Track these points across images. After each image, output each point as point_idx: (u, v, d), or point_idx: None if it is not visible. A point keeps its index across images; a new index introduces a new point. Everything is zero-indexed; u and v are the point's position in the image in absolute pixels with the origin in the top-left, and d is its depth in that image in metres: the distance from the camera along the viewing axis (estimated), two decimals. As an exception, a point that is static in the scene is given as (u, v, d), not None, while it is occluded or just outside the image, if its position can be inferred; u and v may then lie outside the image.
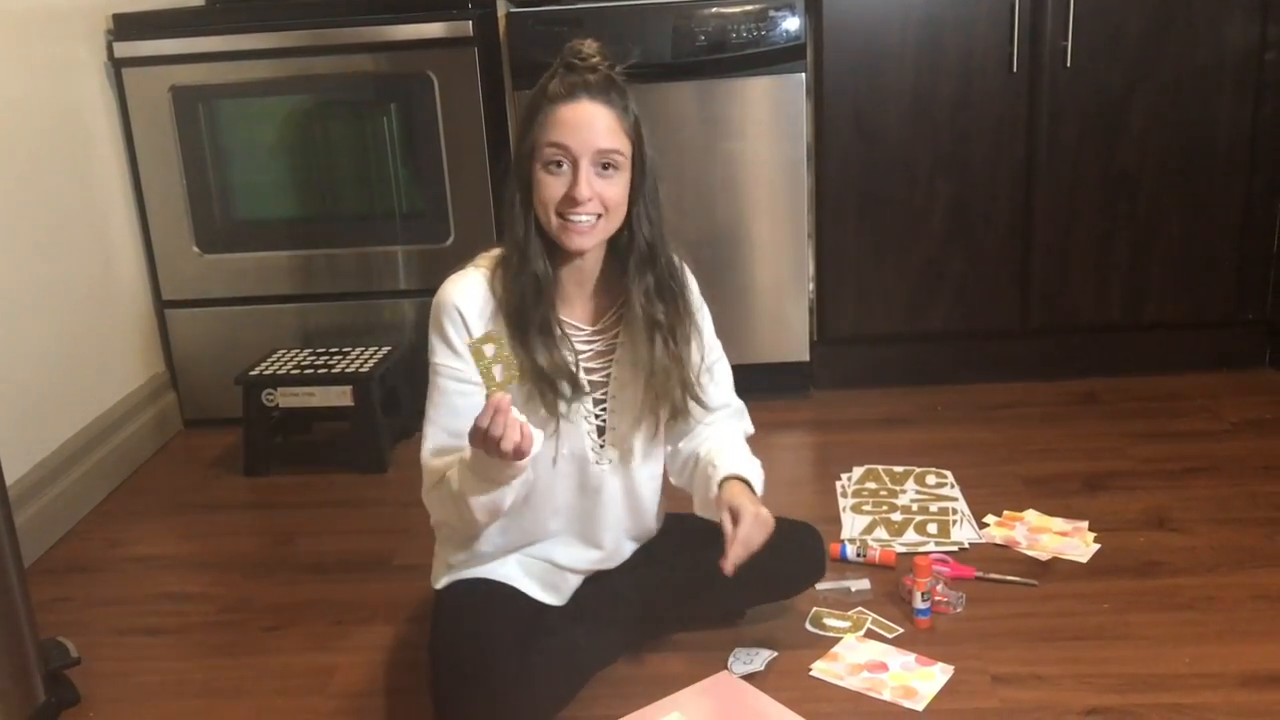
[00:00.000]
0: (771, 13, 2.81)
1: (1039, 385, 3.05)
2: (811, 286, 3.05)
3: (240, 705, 1.89)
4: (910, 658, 1.89)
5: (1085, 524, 2.30)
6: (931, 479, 2.54)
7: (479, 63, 2.89)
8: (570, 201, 1.62)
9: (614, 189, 1.65)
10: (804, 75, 2.86)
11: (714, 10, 2.81)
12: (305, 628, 2.12)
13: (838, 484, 2.54)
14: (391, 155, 2.98)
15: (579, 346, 1.74)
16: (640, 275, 1.72)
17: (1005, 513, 2.37)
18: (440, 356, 1.70)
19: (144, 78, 2.92)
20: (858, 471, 2.59)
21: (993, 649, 1.91)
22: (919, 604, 1.97)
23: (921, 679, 1.83)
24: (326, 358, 2.90)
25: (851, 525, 2.34)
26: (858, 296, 3.05)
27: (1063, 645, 1.91)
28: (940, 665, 1.86)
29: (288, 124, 2.99)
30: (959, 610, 2.03)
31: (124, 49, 2.91)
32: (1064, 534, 2.27)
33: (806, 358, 3.06)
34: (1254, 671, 1.81)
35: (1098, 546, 2.22)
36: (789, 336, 3.01)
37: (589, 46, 1.63)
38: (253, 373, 2.83)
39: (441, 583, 1.86)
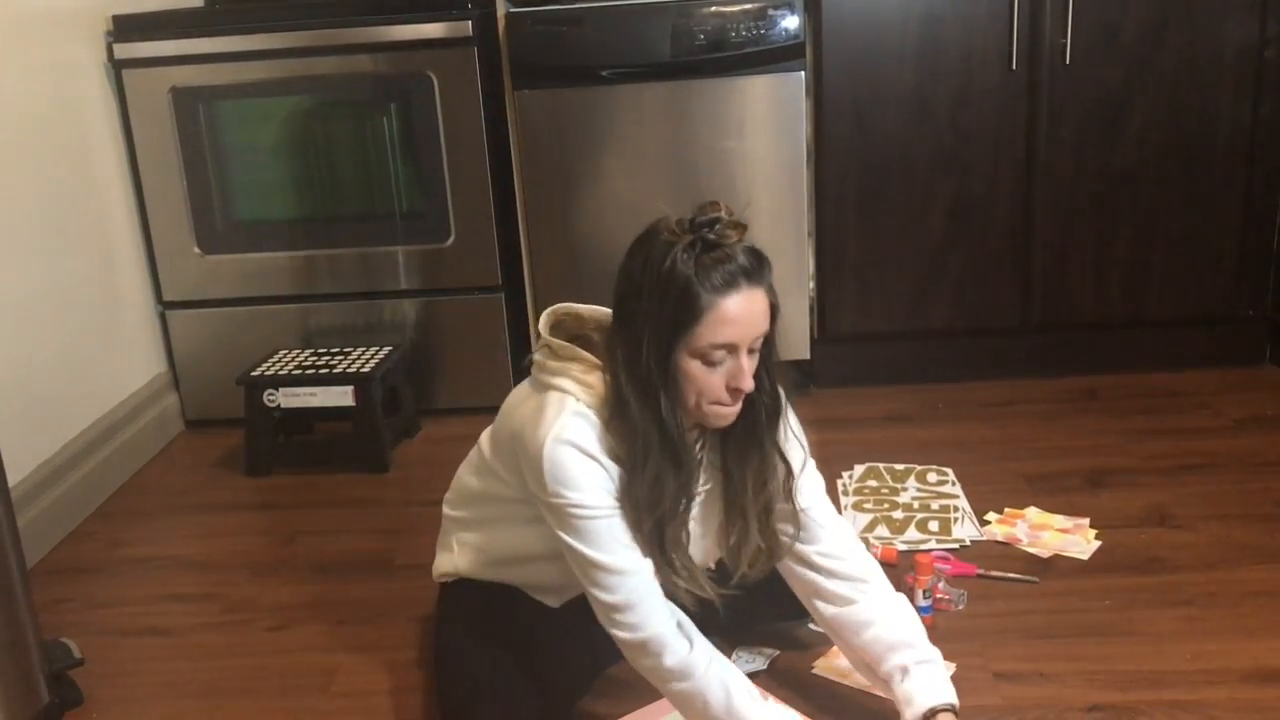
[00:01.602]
0: (771, 11, 2.81)
1: (1040, 382, 3.06)
2: (812, 285, 3.05)
3: (243, 705, 1.90)
4: (912, 655, 1.88)
5: (1086, 521, 2.30)
6: (933, 476, 2.54)
7: (479, 62, 2.89)
8: (735, 394, 1.53)
9: (757, 364, 1.55)
10: (803, 74, 2.86)
11: (713, 9, 2.81)
12: (308, 628, 2.12)
13: (839, 482, 2.54)
14: (391, 155, 2.98)
15: None
16: (747, 449, 1.62)
17: (1006, 510, 2.38)
18: (584, 497, 1.53)
19: (144, 79, 2.92)
20: (859, 469, 2.60)
21: (994, 646, 1.91)
22: (920, 601, 1.98)
23: (923, 676, 1.83)
24: (328, 358, 2.90)
25: (853, 523, 2.35)
26: (858, 295, 3.06)
27: (1064, 642, 1.92)
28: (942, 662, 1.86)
29: (288, 124, 2.99)
30: (960, 607, 2.03)
31: (124, 50, 2.91)
32: (1065, 531, 2.27)
33: (808, 355, 3.07)
34: (1257, 667, 1.81)
35: (1099, 543, 2.22)
36: (790, 334, 3.01)
37: (724, 215, 1.49)
38: (254, 373, 2.84)
39: (446, 578, 1.86)
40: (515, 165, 2.96)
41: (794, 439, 1.68)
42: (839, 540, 1.70)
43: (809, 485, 1.70)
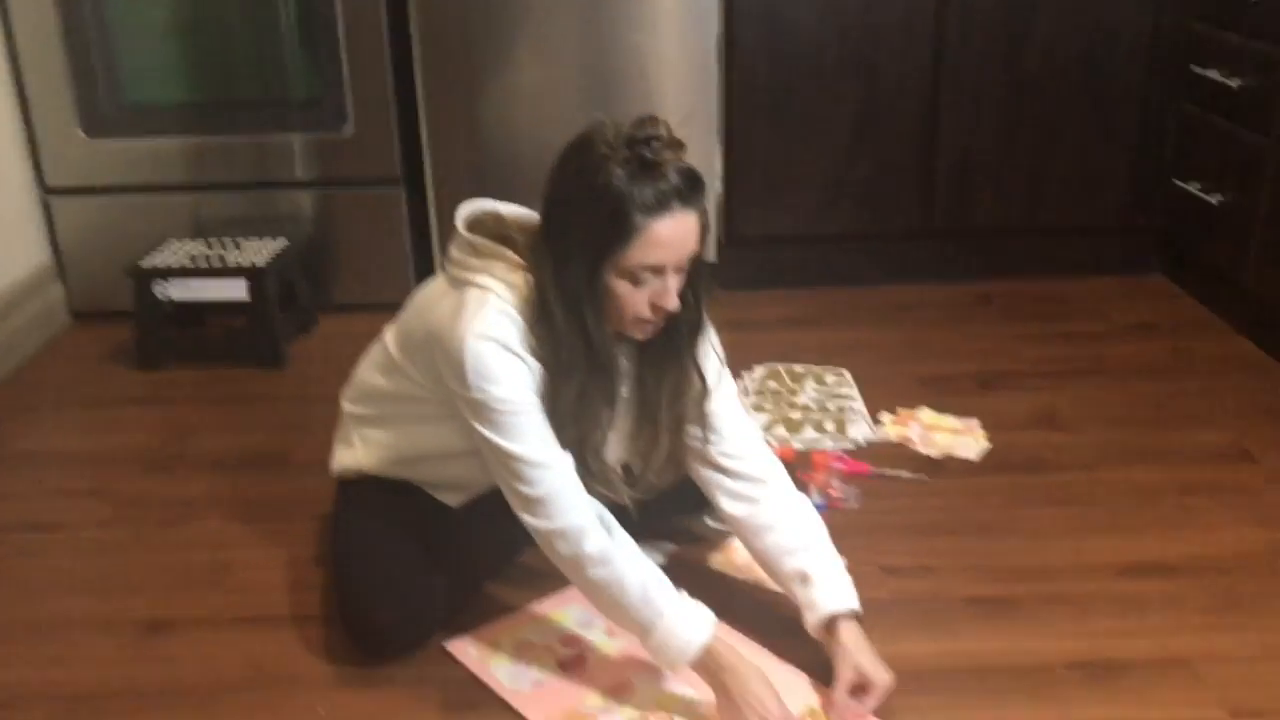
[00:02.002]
0: (683, -98, 2.74)
1: (938, 286, 3.11)
2: (719, 184, 3.04)
3: (136, 601, 1.87)
4: (805, 551, 1.93)
5: (977, 422, 2.37)
6: (830, 378, 2.58)
7: (380, -59, 2.78)
8: (658, 311, 1.52)
9: (682, 282, 1.55)
10: (714, -33, 2.81)
11: (624, -103, 2.73)
12: (202, 524, 2.10)
13: (740, 383, 2.57)
14: (288, 37, 2.86)
15: None
16: (665, 363, 1.63)
17: (900, 411, 2.43)
18: (504, 391, 1.51)
19: (20, -52, 2.75)
20: (759, 371, 2.62)
21: (884, 542, 1.97)
22: (814, 499, 2.02)
23: (815, 571, 1.88)
24: (220, 250, 2.82)
25: (752, 423, 2.38)
26: (765, 197, 3.06)
27: (951, 538, 1.98)
28: (834, 558, 1.91)
29: (178, 1, 2.85)
30: (853, 505, 2.08)
31: (-3, -84, 2.73)
32: (956, 432, 2.34)
33: (713, 258, 3.07)
34: (1131, 562, 1.90)
35: (988, 444, 2.29)
36: (695, 235, 3.01)
37: (663, 132, 1.45)
38: (143, 264, 2.75)
39: (347, 474, 1.84)
40: (416, 52, 2.87)
41: (712, 354, 1.69)
42: (743, 442, 1.71)
43: (719, 390, 1.70)
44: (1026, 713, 1.57)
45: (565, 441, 1.56)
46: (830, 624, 1.60)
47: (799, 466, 2.15)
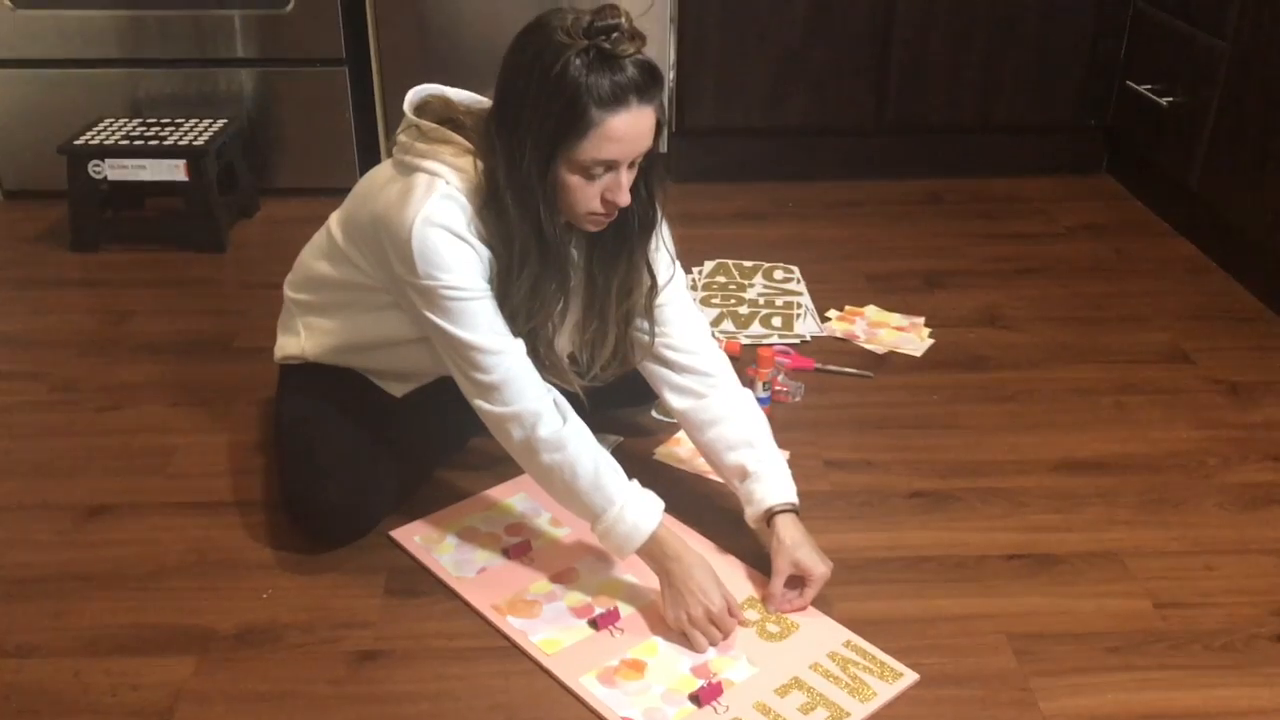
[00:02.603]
0: None
1: (888, 184, 3.10)
2: (672, 75, 2.99)
3: (74, 485, 1.85)
4: (749, 444, 1.95)
5: (921, 320, 2.39)
6: (779, 274, 2.58)
7: None
8: (610, 206, 1.48)
9: (635, 177, 1.52)
10: None
11: None
12: (142, 409, 2.07)
13: (689, 277, 2.56)
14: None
15: None
16: (615, 258, 1.60)
17: (847, 307, 2.44)
18: (455, 279, 1.48)
19: None
20: (709, 265, 2.62)
21: (827, 436, 1.99)
22: (760, 393, 2.03)
23: (759, 464, 1.91)
24: (158, 129, 2.74)
25: (700, 316, 2.38)
26: (717, 88, 3.01)
27: (893, 433, 2.01)
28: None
29: None
30: (797, 399, 2.10)
31: None
32: (901, 329, 2.36)
33: (664, 149, 3.02)
34: (1065, 458, 1.94)
35: (932, 341, 2.31)
36: (646, 125, 2.96)
37: (623, 22, 1.40)
38: (77, 142, 2.66)
39: (290, 361, 1.81)
40: (361, -73, 2.77)
41: (664, 250, 1.67)
42: (691, 337, 1.70)
43: (670, 286, 1.68)
44: (962, 601, 1.61)
45: (517, 331, 1.54)
46: (769, 518, 1.62)
47: (745, 361, 2.16)
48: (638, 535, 1.53)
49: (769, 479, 1.64)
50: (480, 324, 1.51)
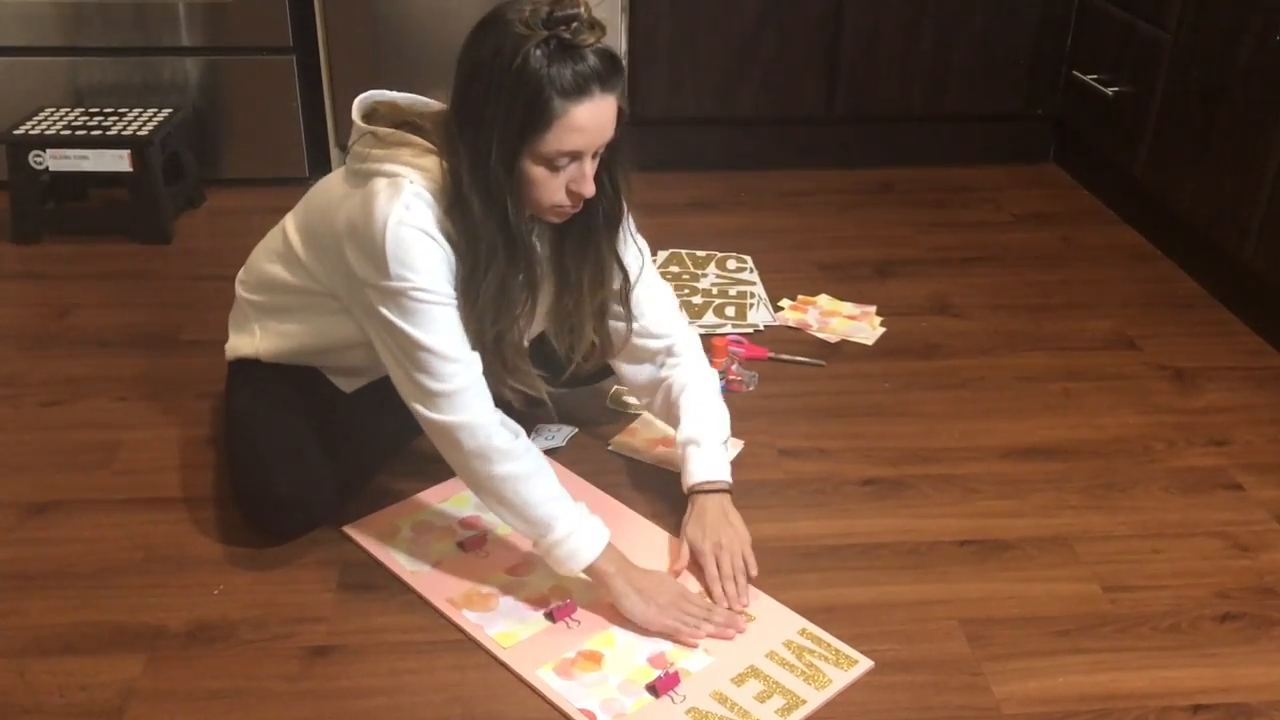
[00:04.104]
0: None
1: (839, 173, 3.12)
2: (624, 64, 2.97)
3: (19, 480, 1.82)
4: (704, 433, 1.96)
5: (873, 308, 2.40)
6: (732, 263, 2.59)
7: None
8: (575, 198, 1.48)
9: (598, 167, 1.51)
10: None
11: None
12: (87, 403, 2.03)
13: (641, 265, 2.56)
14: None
15: None
16: (584, 251, 1.60)
17: (799, 297, 2.45)
18: (423, 281, 1.45)
19: None
20: (662, 255, 2.62)
21: (781, 425, 2.00)
22: (714, 383, 2.04)
23: (713, 453, 1.91)
24: (101, 118, 2.69)
25: (653, 306, 2.38)
26: (669, 77, 3.01)
27: (845, 421, 2.02)
28: (731, 440, 1.94)
29: None
30: (751, 388, 2.11)
31: None
32: (853, 318, 2.37)
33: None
34: (1013, 445, 1.96)
35: (883, 330, 2.33)
36: (598, 115, 2.95)
37: (583, 12, 1.38)
38: (17, 132, 2.61)
39: (234, 358, 1.79)
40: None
41: (633, 244, 1.67)
42: (661, 319, 1.72)
43: (642, 278, 1.69)
44: (914, 588, 1.63)
45: (486, 335, 1.52)
46: (690, 496, 1.66)
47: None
48: (576, 563, 1.52)
49: (697, 459, 1.67)
50: (442, 329, 1.48)
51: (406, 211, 1.44)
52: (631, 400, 2.03)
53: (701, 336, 2.22)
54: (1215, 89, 2.42)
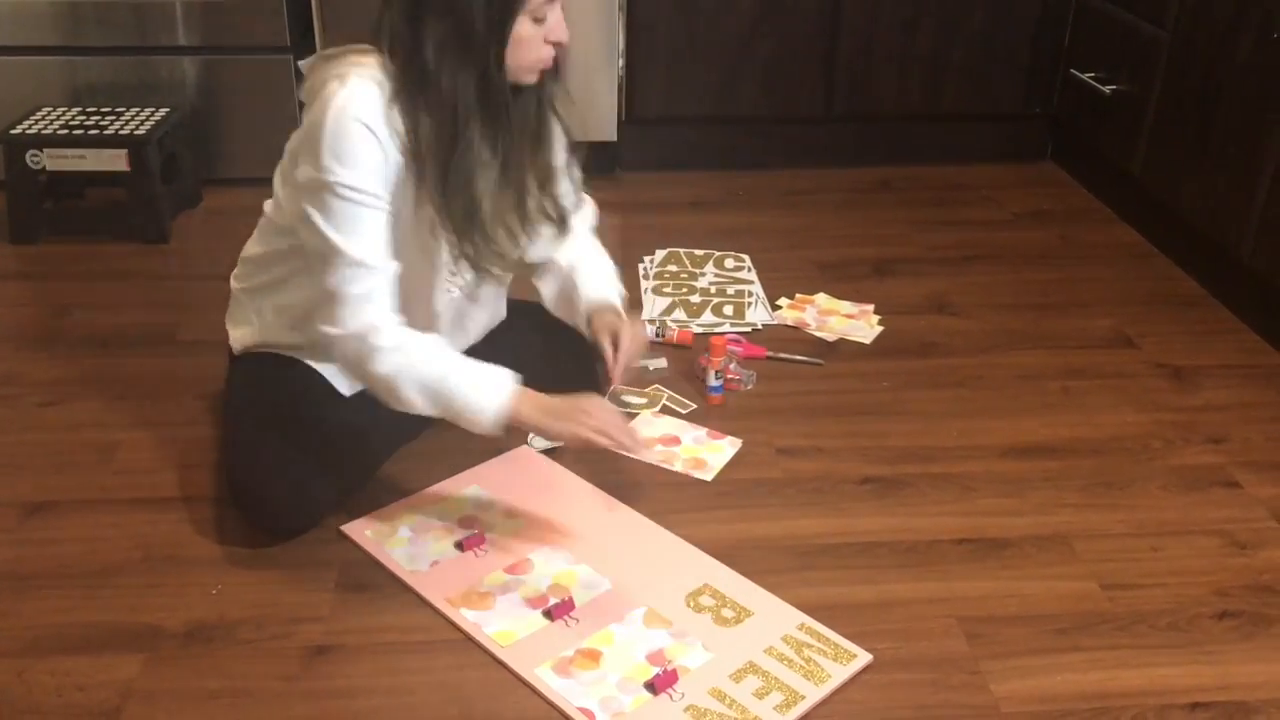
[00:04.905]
0: None
1: (838, 172, 3.12)
2: (622, 63, 2.98)
3: (15, 482, 1.81)
4: (702, 432, 1.96)
5: (871, 307, 2.40)
6: (730, 262, 2.58)
7: None
8: (554, 48, 1.54)
9: None
10: None
11: None
12: (85, 404, 2.03)
13: (640, 266, 2.56)
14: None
15: None
16: (525, 113, 1.63)
17: (797, 295, 2.45)
18: (354, 179, 1.49)
19: None
20: (660, 254, 2.61)
21: (779, 424, 2.00)
22: (712, 381, 2.04)
23: (711, 451, 1.91)
24: (98, 118, 2.68)
25: (652, 306, 2.38)
26: (668, 76, 3.01)
27: (843, 420, 2.02)
28: (729, 439, 1.94)
29: None
30: (749, 387, 2.10)
31: None
32: (851, 316, 2.37)
33: (614, 137, 3.02)
34: (1012, 444, 1.96)
35: (881, 328, 2.33)
36: (597, 115, 2.95)
37: None
38: (14, 131, 2.60)
39: (240, 349, 1.79)
40: (306, -87, 2.73)
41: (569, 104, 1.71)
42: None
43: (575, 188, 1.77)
44: (913, 586, 1.63)
45: (456, 209, 1.55)
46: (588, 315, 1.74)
47: (698, 350, 2.16)
48: (499, 411, 1.54)
49: (598, 288, 1.77)
50: (364, 232, 1.51)
51: (352, 100, 1.48)
52: (631, 399, 2.03)
53: (699, 335, 2.24)
54: (1213, 87, 2.42)
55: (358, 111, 1.48)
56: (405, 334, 1.56)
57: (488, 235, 1.60)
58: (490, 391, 1.54)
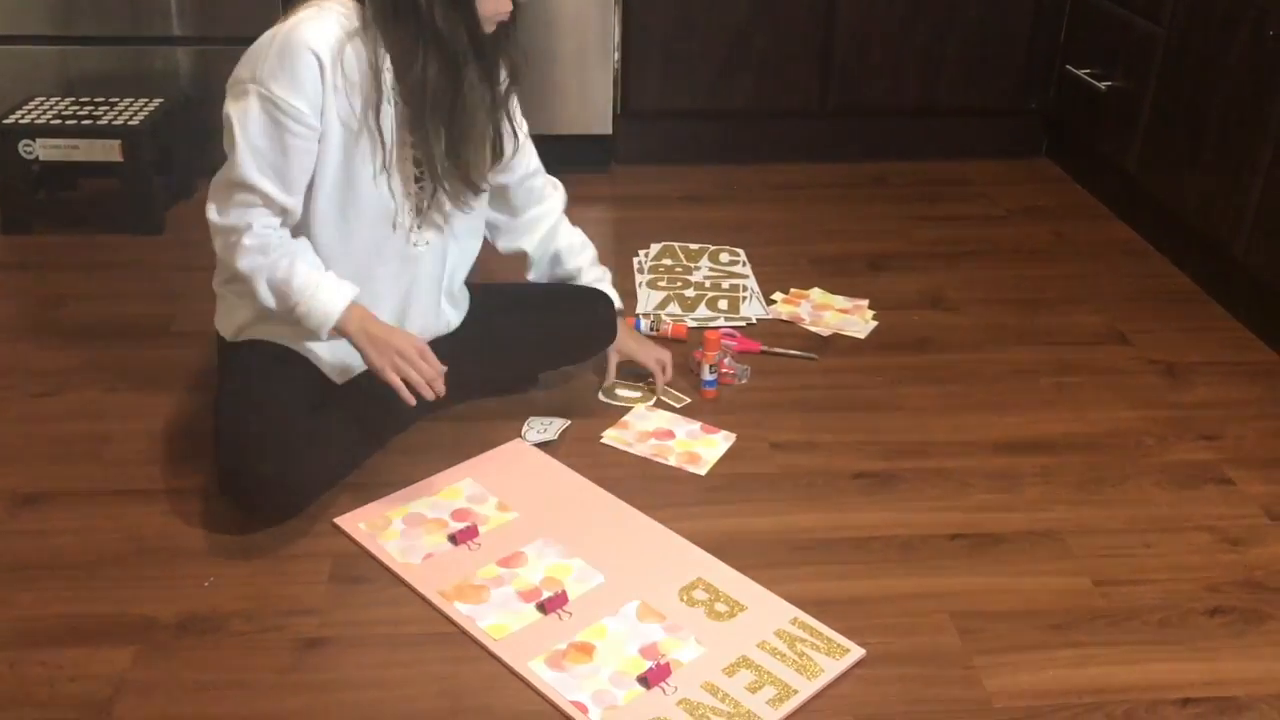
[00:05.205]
0: None
1: (832, 167, 3.12)
2: (617, 56, 2.97)
3: (9, 471, 1.81)
4: (696, 426, 1.96)
5: (865, 302, 2.40)
6: (725, 256, 2.58)
7: None
8: (513, 4, 1.64)
9: None
10: None
11: None
12: (77, 394, 2.03)
13: (635, 260, 2.56)
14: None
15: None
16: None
17: (792, 290, 2.45)
18: (286, 93, 1.57)
19: None
20: (655, 248, 2.61)
21: (773, 418, 2.00)
22: (706, 376, 2.04)
23: (705, 445, 1.91)
24: (91, 108, 2.67)
25: (646, 300, 2.38)
26: (663, 69, 3.00)
27: (838, 415, 2.02)
28: (724, 433, 1.94)
29: None
30: (744, 382, 2.11)
31: None
32: (845, 311, 2.37)
33: (609, 131, 3.02)
34: (1005, 439, 1.96)
35: (875, 323, 2.33)
36: (591, 108, 2.95)
37: None
38: (7, 121, 2.59)
39: (231, 335, 1.80)
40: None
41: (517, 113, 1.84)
42: (528, 160, 1.91)
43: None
44: (905, 581, 1.63)
45: (452, 145, 1.65)
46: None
47: (692, 344, 2.16)
48: (330, 315, 1.64)
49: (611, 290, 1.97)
50: (274, 154, 1.60)
51: (302, 24, 1.56)
52: (624, 393, 2.03)
53: (693, 330, 2.24)
54: (1208, 84, 2.43)
55: (307, 37, 1.55)
56: (272, 236, 1.64)
57: (471, 165, 1.71)
58: (326, 299, 1.64)
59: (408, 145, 1.68)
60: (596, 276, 2.01)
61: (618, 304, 2.00)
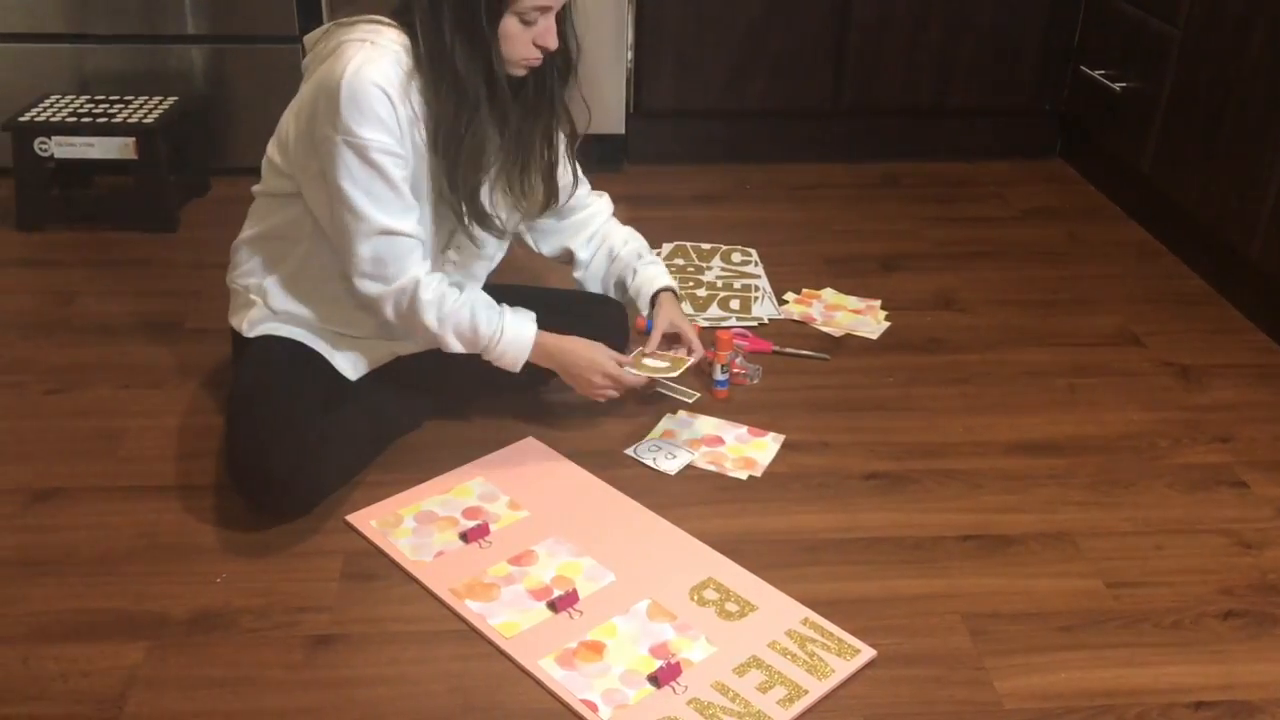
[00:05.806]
0: None
1: (845, 166, 3.11)
2: (630, 56, 2.97)
3: (23, 467, 1.82)
4: (743, 429, 1.95)
5: (878, 303, 2.40)
6: (737, 256, 2.58)
7: None
8: (541, 51, 1.64)
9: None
10: None
11: None
12: (91, 391, 2.03)
13: (646, 258, 2.55)
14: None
15: None
16: (538, 105, 1.75)
17: (804, 290, 2.45)
18: (373, 133, 1.58)
19: None
20: (667, 248, 2.61)
21: (785, 418, 2.00)
22: (718, 375, 2.04)
23: (756, 449, 1.91)
24: (106, 106, 2.68)
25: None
26: (676, 69, 3.00)
27: (850, 415, 2.02)
28: (771, 434, 1.94)
29: None
30: (755, 382, 2.10)
31: None
32: (857, 311, 2.37)
33: (622, 130, 3.02)
34: (1019, 440, 1.96)
35: (888, 324, 2.32)
36: (604, 107, 2.95)
37: None
38: (23, 119, 2.60)
39: (249, 331, 1.80)
40: (315, -98, 2.72)
41: (580, 102, 1.80)
42: (580, 192, 1.95)
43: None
44: (917, 582, 1.63)
45: (463, 187, 1.65)
46: (654, 298, 1.91)
47: (703, 343, 2.15)
48: (522, 348, 1.74)
49: (652, 269, 1.95)
50: (389, 196, 1.61)
51: (369, 65, 1.55)
52: (650, 363, 1.96)
53: (706, 330, 2.23)
54: (1223, 85, 2.42)
55: (374, 75, 1.55)
56: (441, 285, 1.69)
57: (479, 214, 1.71)
58: (512, 338, 1.73)
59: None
60: (650, 263, 1.99)
61: (674, 286, 1.99)
